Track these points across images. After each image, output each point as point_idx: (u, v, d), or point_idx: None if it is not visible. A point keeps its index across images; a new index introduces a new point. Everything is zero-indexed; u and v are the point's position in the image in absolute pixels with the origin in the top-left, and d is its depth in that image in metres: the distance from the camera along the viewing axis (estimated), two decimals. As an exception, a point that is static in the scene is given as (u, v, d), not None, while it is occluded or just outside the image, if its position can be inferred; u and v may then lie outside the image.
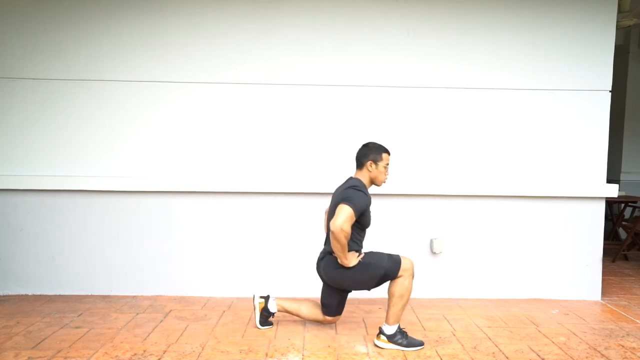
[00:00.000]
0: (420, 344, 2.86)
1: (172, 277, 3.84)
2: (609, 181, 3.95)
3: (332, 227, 2.67)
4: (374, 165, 2.88)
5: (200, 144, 3.82)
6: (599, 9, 3.79)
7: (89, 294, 3.83)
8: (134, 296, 3.81)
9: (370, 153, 2.89)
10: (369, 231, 3.66)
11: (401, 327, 2.88)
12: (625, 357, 2.81)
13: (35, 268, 3.81)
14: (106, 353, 2.74)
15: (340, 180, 3.72)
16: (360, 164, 2.92)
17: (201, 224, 3.83)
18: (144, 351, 2.78)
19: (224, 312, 3.48)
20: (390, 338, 2.82)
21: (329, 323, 3.14)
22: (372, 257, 2.87)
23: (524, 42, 3.82)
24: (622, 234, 6.17)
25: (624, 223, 5.72)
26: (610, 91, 3.86)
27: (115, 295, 3.81)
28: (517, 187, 3.82)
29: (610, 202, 5.96)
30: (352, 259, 2.81)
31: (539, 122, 3.87)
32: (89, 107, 3.79)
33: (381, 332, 2.85)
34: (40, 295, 3.80)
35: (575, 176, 3.88)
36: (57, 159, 3.80)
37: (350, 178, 2.94)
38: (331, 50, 3.80)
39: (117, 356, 2.70)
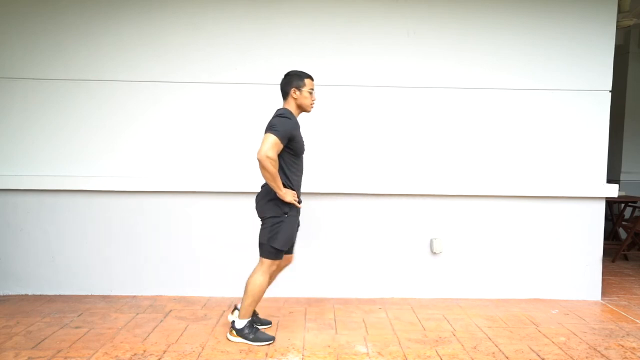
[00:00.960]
0: (270, 338, 2.90)
1: (172, 277, 3.84)
2: (609, 181, 3.95)
3: (257, 156, 2.67)
4: (298, 92, 2.89)
5: (201, 144, 3.82)
6: (599, 9, 3.79)
7: (89, 294, 3.83)
8: (134, 296, 3.81)
9: (292, 80, 2.90)
10: (368, 227, 3.66)
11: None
12: (625, 357, 2.81)
13: (35, 268, 3.81)
14: (106, 353, 2.74)
15: (340, 180, 3.74)
16: (285, 93, 2.93)
17: (201, 224, 3.83)
18: (144, 351, 2.78)
19: (224, 312, 3.48)
20: (239, 332, 2.90)
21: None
22: (287, 232, 2.84)
23: (524, 42, 3.82)
24: (622, 234, 6.17)
25: (624, 223, 5.72)
26: (610, 91, 3.86)
27: (115, 295, 3.81)
28: (517, 187, 3.83)
29: (610, 202, 5.96)
30: (288, 195, 2.80)
31: (539, 122, 3.87)
32: (89, 107, 3.79)
33: (232, 326, 2.94)
34: (40, 295, 3.80)
35: (575, 176, 3.88)
36: (57, 159, 3.80)
37: (278, 108, 2.93)
38: (331, 50, 3.80)
39: (117, 356, 2.70)
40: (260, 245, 2.89)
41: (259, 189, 3.75)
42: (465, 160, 3.87)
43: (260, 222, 2.93)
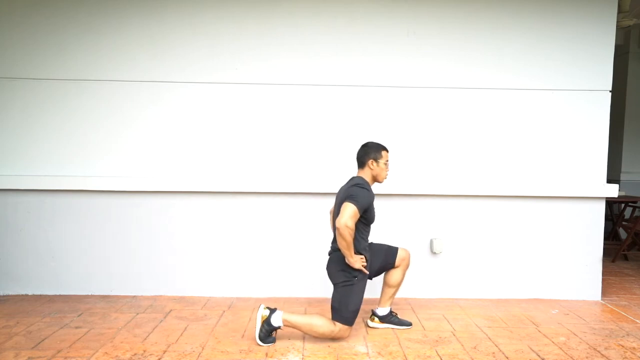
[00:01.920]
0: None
1: (172, 277, 3.84)
2: (609, 181, 3.95)
3: (337, 225, 2.74)
4: (375, 164, 2.98)
5: (200, 144, 3.82)
6: (599, 9, 3.79)
7: (89, 294, 3.83)
8: (134, 296, 3.81)
9: (370, 152, 2.99)
10: (371, 229, 3.65)
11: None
12: (625, 357, 2.81)
13: (35, 268, 3.81)
14: (106, 353, 2.74)
15: (341, 180, 3.72)
16: (362, 164, 3.02)
17: (201, 224, 3.83)
18: (144, 351, 2.78)
19: (224, 312, 3.48)
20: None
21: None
22: (357, 294, 2.92)
23: (524, 42, 3.82)
24: (622, 234, 6.17)
25: (624, 223, 5.72)
26: (610, 91, 3.86)
27: (115, 295, 3.81)
28: (517, 187, 3.83)
29: (610, 202, 5.96)
30: (357, 261, 2.86)
31: (539, 122, 3.87)
32: (89, 107, 3.79)
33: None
34: (40, 295, 3.80)
35: (576, 176, 3.88)
36: (57, 159, 3.80)
37: (354, 177, 3.01)
38: (331, 50, 3.80)
39: (117, 356, 2.70)
40: (333, 308, 2.92)
41: (259, 189, 3.78)
42: (465, 160, 3.87)
43: (333, 287, 2.97)
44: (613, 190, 3.80)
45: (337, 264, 2.94)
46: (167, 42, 3.77)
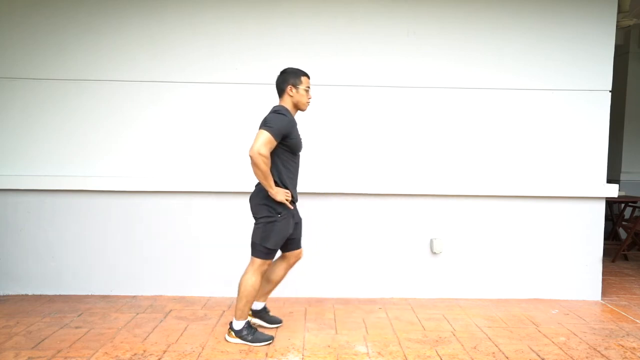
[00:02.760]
0: (268, 339, 2.90)
1: (172, 277, 3.84)
2: (609, 181, 3.95)
3: (249, 153, 2.62)
4: (294, 90, 2.85)
5: (201, 144, 3.82)
6: (599, 9, 3.79)
7: (89, 294, 3.83)
8: (134, 296, 3.81)
9: (289, 78, 2.86)
10: (369, 227, 3.66)
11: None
12: (625, 357, 2.81)
13: (35, 268, 3.81)
14: (106, 353, 2.74)
15: (341, 180, 3.74)
16: (281, 90, 2.89)
17: (201, 223, 3.83)
18: (144, 351, 2.78)
19: (224, 312, 3.48)
20: (237, 333, 2.88)
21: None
22: (280, 232, 2.81)
23: (524, 42, 3.82)
24: (622, 234, 6.17)
25: (624, 223, 5.72)
26: (610, 91, 3.86)
27: (115, 295, 3.81)
28: (517, 187, 3.83)
29: (610, 202, 5.96)
30: (280, 194, 2.75)
31: (539, 122, 3.87)
32: (89, 107, 3.79)
33: (230, 327, 2.92)
34: (40, 295, 3.80)
35: (576, 176, 3.89)
36: (57, 159, 3.80)
37: (274, 106, 2.89)
38: (331, 50, 3.80)
39: (117, 356, 2.70)
40: (253, 244, 2.84)
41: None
42: (465, 160, 3.87)
43: (254, 221, 2.89)
44: (613, 190, 3.80)
45: (259, 196, 2.81)
46: (167, 42, 3.77)
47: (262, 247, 2.80)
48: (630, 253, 5.63)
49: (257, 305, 3.15)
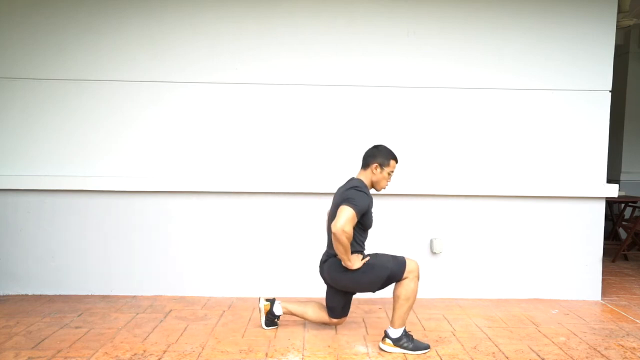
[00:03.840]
0: (427, 347, 2.81)
1: (172, 277, 3.84)
2: (609, 181, 3.95)
3: (333, 229, 2.61)
4: (379, 169, 2.84)
5: (201, 144, 3.82)
6: (599, 9, 3.79)
7: (89, 294, 3.83)
8: (134, 296, 3.81)
9: (379, 155, 2.85)
10: (371, 229, 3.64)
11: (407, 330, 2.86)
12: (625, 357, 2.81)
13: (35, 268, 3.81)
14: (106, 353, 2.74)
15: (341, 180, 3.72)
16: (366, 164, 2.88)
17: (201, 223, 3.83)
18: (144, 351, 2.78)
19: (224, 312, 3.48)
20: (396, 342, 2.78)
21: (336, 324, 3.15)
22: (377, 259, 2.82)
23: (524, 42, 3.82)
24: (622, 234, 6.17)
25: (624, 223, 5.72)
26: (610, 91, 3.86)
27: (115, 295, 3.81)
28: (517, 187, 3.83)
29: (610, 202, 5.96)
30: (355, 262, 2.76)
31: (539, 122, 3.87)
32: (89, 107, 3.79)
33: (386, 335, 2.81)
34: (40, 295, 3.80)
35: (576, 176, 3.88)
36: (57, 159, 3.80)
37: (352, 179, 2.90)
38: (331, 50, 3.80)
39: (117, 356, 2.70)
40: (385, 278, 2.78)
41: (259, 189, 3.77)
42: (465, 160, 3.87)
43: (351, 290, 2.94)
44: (613, 190, 3.80)
45: (336, 269, 2.84)
46: (167, 42, 3.77)
47: (390, 267, 2.76)
48: (630, 253, 5.63)
49: (280, 311, 3.14)
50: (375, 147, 2.91)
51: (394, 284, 2.82)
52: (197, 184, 3.76)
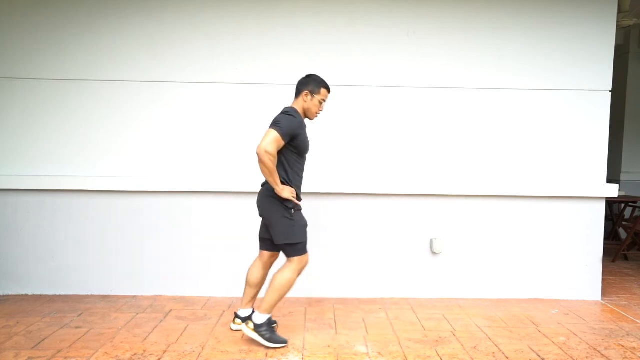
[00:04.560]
0: (283, 342, 2.85)
1: (172, 277, 3.84)
2: (609, 181, 3.95)
3: (256, 150, 2.64)
4: (309, 96, 2.88)
5: (201, 144, 3.82)
6: (599, 9, 3.79)
7: (89, 294, 3.83)
8: (134, 296, 3.81)
9: (310, 83, 2.89)
10: (368, 228, 3.65)
11: (272, 319, 2.92)
12: (625, 357, 2.81)
13: (35, 268, 3.81)
14: (106, 353, 2.74)
15: (341, 179, 3.74)
16: (298, 92, 2.92)
17: (201, 223, 3.83)
18: (144, 351, 2.78)
19: (224, 312, 3.48)
20: (257, 327, 2.83)
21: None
22: (300, 225, 2.84)
23: (523, 42, 3.82)
24: (622, 234, 6.17)
25: (624, 223, 5.72)
26: (610, 91, 3.86)
27: (115, 295, 3.81)
28: (517, 187, 3.83)
29: (610, 202, 5.96)
30: (286, 190, 2.76)
31: (539, 122, 3.87)
32: (89, 107, 3.79)
33: (250, 318, 2.88)
34: (40, 295, 3.80)
35: (576, 176, 3.88)
36: (57, 159, 3.80)
37: (285, 107, 2.91)
38: (331, 50, 3.80)
39: (117, 356, 2.70)
40: (282, 247, 2.87)
41: (259, 189, 3.76)
42: (465, 160, 3.87)
43: (267, 224, 2.89)
44: (613, 190, 3.80)
45: (267, 197, 2.84)
46: (167, 42, 3.77)
47: (293, 245, 2.82)
48: (630, 253, 5.63)
49: (245, 313, 3.10)
50: (308, 75, 2.95)
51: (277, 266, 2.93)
52: (197, 184, 3.76)
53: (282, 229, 2.82)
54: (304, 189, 3.68)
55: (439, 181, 3.85)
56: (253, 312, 3.04)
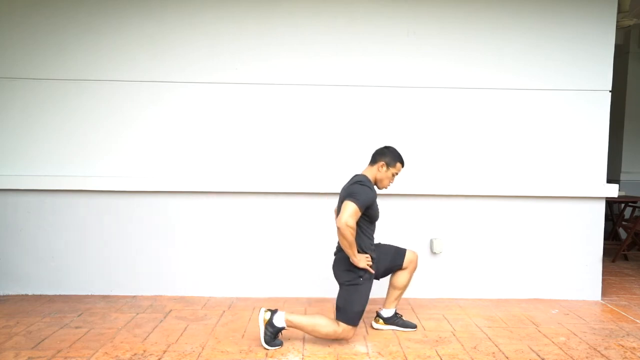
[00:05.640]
0: (279, 344, 2.86)
1: (172, 277, 3.84)
2: (609, 181, 3.95)
3: (337, 224, 2.70)
4: (384, 168, 2.94)
5: (200, 144, 3.82)
6: (599, 9, 3.79)
7: (89, 294, 3.83)
8: (134, 296, 3.81)
9: (388, 155, 2.96)
10: (377, 223, 3.65)
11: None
12: (625, 357, 2.81)
13: (35, 268, 3.81)
14: (106, 353, 2.74)
15: (341, 179, 3.72)
16: (374, 161, 2.98)
17: (201, 224, 3.83)
18: (144, 351, 2.78)
19: (224, 312, 3.48)
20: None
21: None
22: (362, 291, 2.87)
23: (524, 42, 3.82)
24: (622, 234, 6.17)
25: (624, 223, 5.72)
26: (610, 91, 3.86)
27: (115, 295, 3.81)
28: (517, 187, 3.83)
29: (610, 202, 5.96)
30: (361, 260, 2.82)
31: (539, 122, 3.87)
32: (89, 107, 3.79)
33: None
34: (40, 295, 3.80)
35: (576, 176, 3.88)
36: (57, 159, 3.80)
37: (357, 174, 2.97)
38: (331, 50, 3.80)
39: (117, 356, 2.70)
40: (338, 308, 2.87)
41: (259, 189, 3.78)
42: (465, 160, 3.87)
43: (339, 286, 2.93)
44: (613, 190, 3.80)
45: (342, 264, 2.90)
46: (167, 42, 3.77)
47: (348, 311, 2.83)
48: (630, 253, 5.63)
49: (388, 313, 3.17)
50: (386, 147, 3.02)
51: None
52: (197, 184, 3.76)
53: (345, 292, 2.86)
54: (303, 189, 3.74)
55: (439, 181, 3.85)
56: (396, 313, 3.20)
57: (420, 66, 3.82)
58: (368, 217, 2.89)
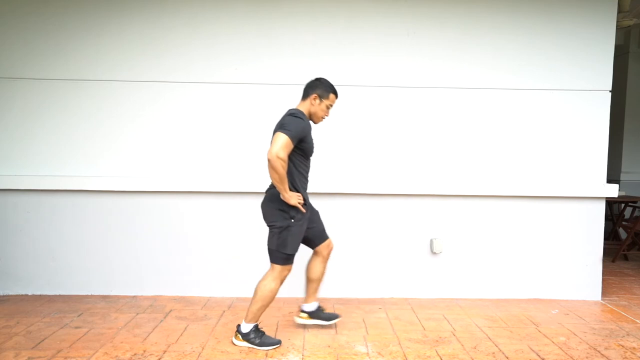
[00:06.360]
0: (275, 343, 2.85)
1: (172, 277, 3.84)
2: (609, 181, 3.95)
3: (268, 156, 2.58)
4: (318, 100, 2.85)
5: (201, 144, 3.82)
6: (599, 9, 3.79)
7: (89, 294, 3.83)
8: (134, 296, 3.81)
9: (319, 87, 2.86)
10: (368, 228, 3.66)
11: (259, 326, 2.91)
12: (625, 357, 2.81)
13: (35, 268, 3.81)
14: (106, 353, 2.74)
15: (341, 179, 3.74)
16: (306, 94, 2.89)
17: (201, 223, 3.83)
18: (144, 351, 2.78)
19: (224, 312, 3.48)
20: (245, 336, 2.84)
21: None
22: (296, 236, 2.80)
23: (524, 42, 3.82)
24: (622, 234, 6.17)
25: (624, 223, 5.72)
26: (610, 91, 3.86)
27: (115, 295, 3.81)
28: (517, 187, 3.83)
29: (610, 202, 5.96)
30: (293, 197, 2.73)
31: (539, 122, 3.87)
32: (89, 107, 3.79)
33: (238, 330, 2.88)
34: (40, 295, 3.80)
35: (575, 176, 3.88)
36: (57, 159, 3.80)
37: (290, 108, 2.86)
38: (331, 50, 3.80)
39: (117, 356, 2.70)
40: (270, 251, 2.82)
41: (258, 189, 3.77)
42: (465, 160, 3.87)
43: (268, 228, 2.87)
44: (613, 190, 3.80)
45: (272, 201, 2.80)
46: (167, 42, 3.77)
47: (280, 254, 2.78)
48: (630, 253, 5.63)
49: (310, 307, 3.13)
50: (317, 79, 2.92)
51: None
52: (197, 184, 3.76)
53: (277, 235, 2.79)
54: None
55: (439, 181, 3.85)
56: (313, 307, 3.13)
57: (420, 66, 3.82)
58: (302, 150, 2.78)
